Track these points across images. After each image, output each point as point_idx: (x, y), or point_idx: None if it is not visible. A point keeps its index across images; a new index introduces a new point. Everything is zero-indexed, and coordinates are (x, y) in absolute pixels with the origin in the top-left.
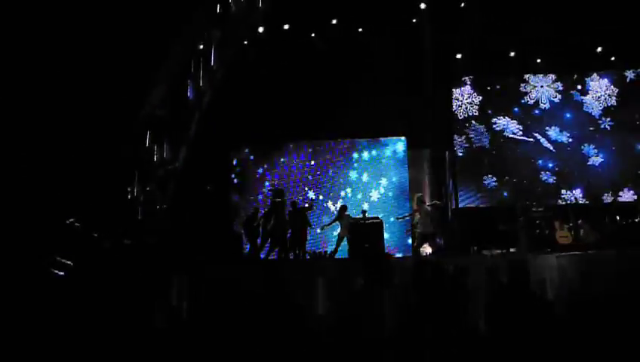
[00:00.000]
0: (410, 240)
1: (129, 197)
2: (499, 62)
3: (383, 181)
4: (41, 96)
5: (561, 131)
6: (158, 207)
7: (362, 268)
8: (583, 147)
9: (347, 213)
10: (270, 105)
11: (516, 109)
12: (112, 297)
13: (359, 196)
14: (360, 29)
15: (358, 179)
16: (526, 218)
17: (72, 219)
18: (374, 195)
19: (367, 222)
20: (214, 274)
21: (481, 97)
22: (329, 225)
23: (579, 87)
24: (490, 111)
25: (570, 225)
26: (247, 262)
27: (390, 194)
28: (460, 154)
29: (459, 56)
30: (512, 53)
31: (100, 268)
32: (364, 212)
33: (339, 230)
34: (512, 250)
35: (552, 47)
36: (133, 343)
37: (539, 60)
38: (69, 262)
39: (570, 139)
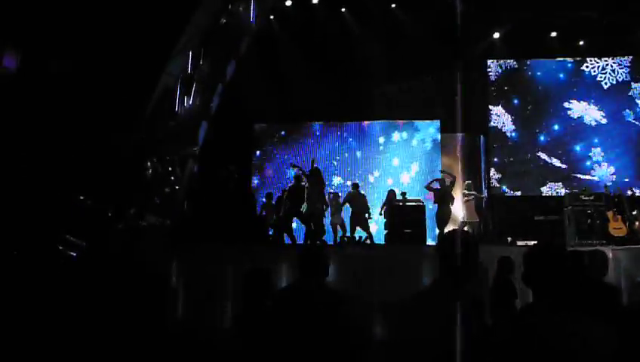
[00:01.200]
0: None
1: (146, 175)
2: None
3: (414, 166)
4: (57, 70)
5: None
6: (176, 187)
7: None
8: None
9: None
10: (298, 83)
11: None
12: (124, 281)
13: (389, 181)
14: (393, 4)
15: (388, 164)
16: (574, 207)
17: (82, 197)
18: (405, 180)
19: (407, 204)
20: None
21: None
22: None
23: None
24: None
25: (625, 215)
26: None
27: (421, 178)
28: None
29: (496, 35)
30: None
31: (112, 249)
32: (403, 194)
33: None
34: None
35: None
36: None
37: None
38: (81, 242)
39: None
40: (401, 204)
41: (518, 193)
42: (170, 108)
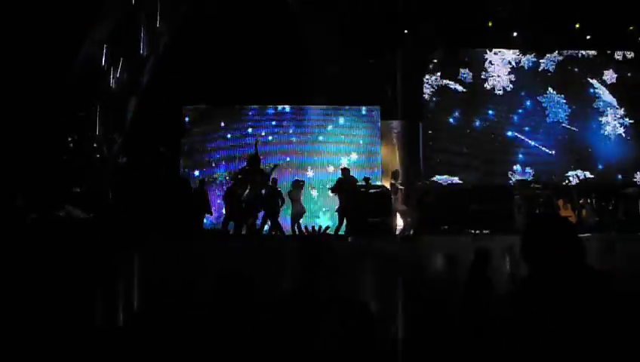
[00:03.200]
0: None
1: (63, 161)
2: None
3: (353, 154)
4: None
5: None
6: (101, 172)
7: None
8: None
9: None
10: (234, 64)
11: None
12: (33, 281)
13: (330, 169)
14: None
15: (327, 149)
16: (523, 195)
17: None
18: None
19: (370, 191)
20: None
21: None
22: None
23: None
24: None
25: (574, 204)
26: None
27: (362, 164)
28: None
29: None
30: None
31: (21, 244)
32: (367, 179)
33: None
34: (485, 231)
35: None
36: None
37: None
38: None
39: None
40: (363, 189)
41: (456, 180)
42: (93, 79)
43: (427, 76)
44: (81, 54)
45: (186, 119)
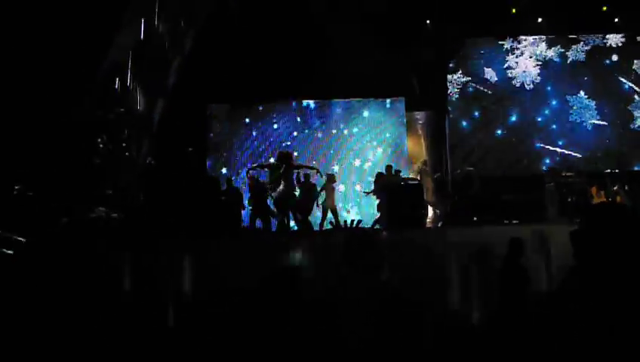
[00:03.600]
0: None
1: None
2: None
3: (379, 147)
4: None
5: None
6: (130, 173)
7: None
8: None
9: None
10: (256, 60)
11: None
12: (67, 282)
13: (357, 162)
14: None
15: (352, 142)
16: (556, 183)
17: (17, 186)
18: (371, 160)
19: (405, 184)
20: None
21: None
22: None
23: None
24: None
25: (607, 191)
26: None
27: (389, 157)
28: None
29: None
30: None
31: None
32: (398, 172)
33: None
34: (514, 221)
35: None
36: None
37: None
38: (19, 239)
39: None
40: (400, 183)
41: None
42: (121, 84)
43: (451, 66)
44: (109, 57)
45: (211, 118)
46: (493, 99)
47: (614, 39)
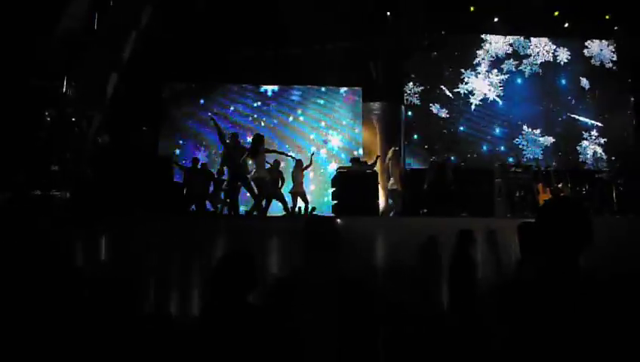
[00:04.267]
0: None
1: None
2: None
3: (335, 135)
4: None
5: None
6: (80, 149)
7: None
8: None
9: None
10: (214, 42)
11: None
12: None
13: (312, 149)
14: None
15: (309, 129)
16: (504, 179)
17: None
18: (325, 148)
19: (359, 172)
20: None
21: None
22: None
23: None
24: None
25: (552, 188)
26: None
27: (344, 145)
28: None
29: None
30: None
31: None
32: (356, 160)
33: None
34: (463, 214)
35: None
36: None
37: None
38: None
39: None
40: (352, 171)
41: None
42: (72, 54)
43: (412, 58)
44: (59, 27)
45: (167, 97)
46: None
47: (563, 54)
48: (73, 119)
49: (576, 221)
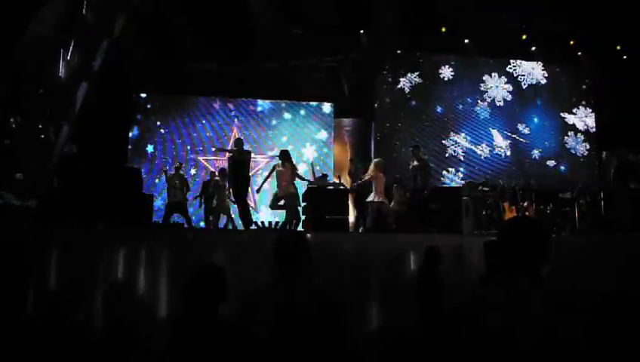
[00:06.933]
0: None
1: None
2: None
3: (306, 148)
4: None
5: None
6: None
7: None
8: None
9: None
10: (187, 54)
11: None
12: None
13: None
14: None
15: (279, 143)
16: (472, 197)
17: None
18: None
19: (330, 188)
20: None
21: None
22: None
23: None
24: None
25: (518, 206)
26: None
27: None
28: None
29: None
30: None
31: None
32: (325, 175)
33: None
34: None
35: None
36: None
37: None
38: None
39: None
40: (323, 186)
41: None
42: (41, 61)
43: (383, 75)
44: (29, 33)
45: (136, 107)
46: (419, 105)
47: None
48: (40, 127)
49: (534, 240)
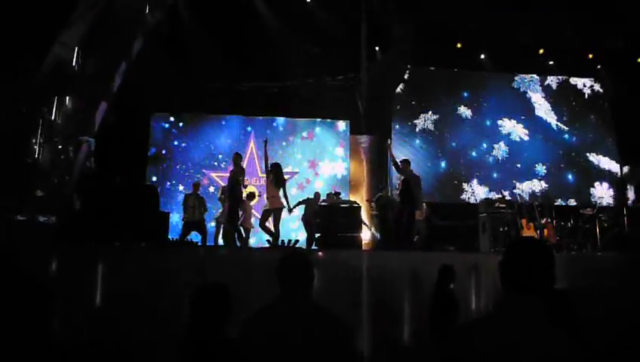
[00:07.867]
0: None
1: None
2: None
3: (323, 165)
4: None
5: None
6: (65, 177)
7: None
8: None
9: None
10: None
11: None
12: None
13: (298, 179)
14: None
15: (295, 162)
16: (488, 214)
17: None
18: (312, 179)
19: (342, 206)
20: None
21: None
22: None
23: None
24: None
25: (536, 223)
26: None
27: (331, 178)
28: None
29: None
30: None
31: None
32: (337, 194)
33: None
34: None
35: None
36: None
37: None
38: None
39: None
40: (336, 205)
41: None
42: (62, 82)
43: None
44: (51, 55)
45: (156, 127)
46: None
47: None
48: (60, 146)
49: (535, 260)
